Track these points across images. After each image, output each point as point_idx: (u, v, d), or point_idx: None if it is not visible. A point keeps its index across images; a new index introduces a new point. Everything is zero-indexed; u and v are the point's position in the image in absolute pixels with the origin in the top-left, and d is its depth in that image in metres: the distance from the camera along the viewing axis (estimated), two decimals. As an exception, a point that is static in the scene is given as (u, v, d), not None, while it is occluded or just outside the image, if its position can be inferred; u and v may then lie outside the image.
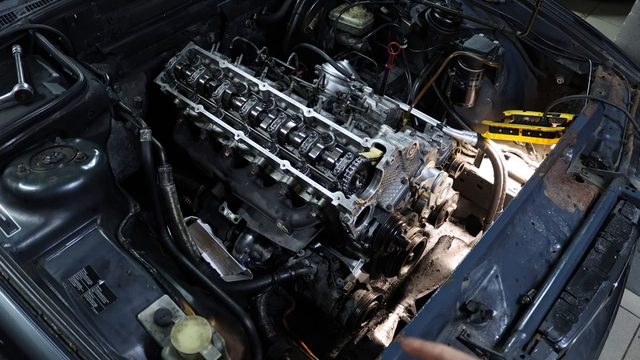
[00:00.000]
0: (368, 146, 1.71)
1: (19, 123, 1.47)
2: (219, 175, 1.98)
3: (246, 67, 2.15)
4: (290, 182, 1.83)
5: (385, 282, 2.37)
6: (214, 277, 1.74)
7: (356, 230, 1.74)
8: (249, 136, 1.91)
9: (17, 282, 1.18)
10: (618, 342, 2.80)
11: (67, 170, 1.41)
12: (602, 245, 1.51)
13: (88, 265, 1.32)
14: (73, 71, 1.68)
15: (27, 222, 1.34)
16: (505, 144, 2.52)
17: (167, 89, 2.12)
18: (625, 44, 4.31)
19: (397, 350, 1.19)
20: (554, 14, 2.24)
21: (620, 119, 1.94)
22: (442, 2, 2.41)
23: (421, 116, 2.14)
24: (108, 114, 1.78)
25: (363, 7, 2.62)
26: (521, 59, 2.42)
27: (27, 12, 1.82)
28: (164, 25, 2.21)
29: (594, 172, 1.77)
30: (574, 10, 2.34)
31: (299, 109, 1.86)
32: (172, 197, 1.75)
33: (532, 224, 1.57)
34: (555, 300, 1.38)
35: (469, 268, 1.39)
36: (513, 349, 1.27)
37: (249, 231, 2.07)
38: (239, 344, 1.38)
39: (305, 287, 1.95)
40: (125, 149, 1.90)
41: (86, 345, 1.12)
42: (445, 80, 2.62)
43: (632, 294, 3.02)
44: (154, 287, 1.29)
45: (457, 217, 2.80)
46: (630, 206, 1.63)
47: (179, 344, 1.08)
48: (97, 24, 1.99)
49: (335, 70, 2.16)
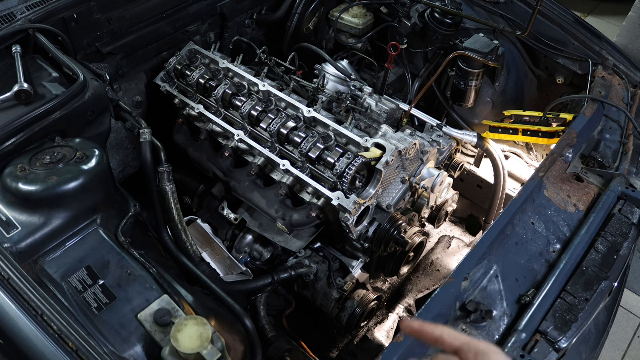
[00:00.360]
0: (368, 146, 1.71)
1: (19, 123, 1.47)
2: (219, 175, 1.98)
3: (246, 67, 2.15)
4: (290, 182, 1.83)
5: (385, 282, 2.37)
6: (214, 277, 1.74)
7: (356, 230, 1.74)
8: (249, 136, 1.91)
9: (17, 282, 1.18)
10: (618, 342, 2.80)
11: (67, 170, 1.41)
12: (602, 245, 1.51)
13: (88, 265, 1.32)
14: (73, 71, 1.68)
15: (27, 222, 1.34)
16: (505, 144, 2.52)
17: (167, 89, 2.13)
18: (625, 44, 4.31)
19: (397, 350, 1.20)
20: (554, 14, 2.24)
21: (620, 119, 1.94)
22: (442, 2, 2.41)
23: (421, 116, 2.14)
24: (108, 114, 1.78)
25: (363, 7, 2.62)
26: (521, 59, 2.42)
27: (27, 12, 1.82)
28: (164, 25, 2.21)
29: (594, 172, 1.77)
30: (574, 10, 2.34)
31: (299, 109, 1.86)
32: (172, 197, 1.75)
33: (532, 224, 1.57)
34: (555, 300, 1.38)
35: (469, 268, 1.39)
36: (513, 349, 1.27)
37: (249, 231, 2.07)
38: (239, 344, 1.38)
39: (305, 287, 1.95)
40: (125, 149, 1.90)
41: (86, 345, 1.12)
42: (445, 80, 2.62)
43: (632, 294, 3.02)
44: (154, 287, 1.29)
45: (457, 217, 2.80)
46: (630, 206, 1.63)
47: (179, 344, 1.08)
48: (97, 24, 1.99)
49: (335, 70, 2.16)
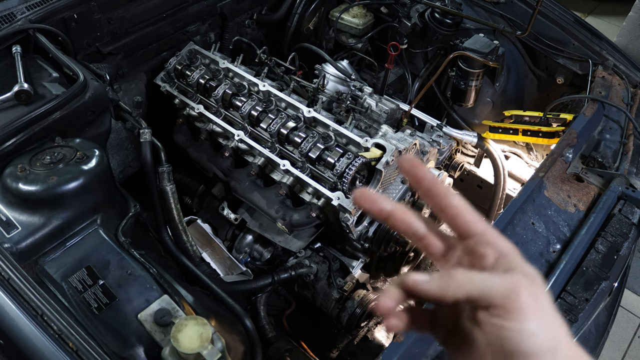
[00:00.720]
0: (368, 146, 1.71)
1: (19, 123, 1.47)
2: (219, 175, 1.98)
3: (246, 67, 2.15)
4: (290, 182, 1.83)
5: (385, 282, 2.37)
6: (214, 277, 1.74)
7: (356, 230, 1.74)
8: (249, 136, 1.91)
9: (17, 282, 1.18)
10: (618, 342, 2.80)
11: (67, 170, 1.41)
12: (602, 245, 1.51)
13: (88, 265, 1.32)
14: (73, 71, 1.68)
15: (27, 222, 1.34)
16: (505, 144, 2.52)
17: (167, 89, 2.12)
18: (625, 44, 4.31)
19: (397, 350, 1.19)
20: (554, 14, 2.24)
21: (620, 119, 1.94)
22: (442, 2, 2.41)
23: (421, 116, 2.14)
24: (108, 114, 1.78)
25: (363, 7, 2.62)
26: (521, 59, 2.42)
27: (27, 12, 1.82)
28: (164, 25, 2.20)
29: (594, 172, 1.77)
30: (574, 10, 2.34)
31: (299, 109, 1.86)
32: (172, 197, 1.75)
33: (532, 224, 1.57)
34: (555, 300, 1.38)
35: (469, 268, 1.39)
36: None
37: (249, 231, 2.07)
38: (239, 344, 1.38)
39: (305, 287, 1.95)
40: (125, 149, 1.90)
41: (86, 345, 1.12)
42: (445, 80, 2.62)
43: (632, 294, 3.02)
44: (154, 287, 1.29)
45: (457, 217, 2.79)
46: (630, 206, 1.63)
47: (179, 344, 1.08)
48: (97, 24, 1.99)
49: (335, 70, 2.16)
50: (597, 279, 1.43)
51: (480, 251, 0.56)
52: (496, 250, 0.56)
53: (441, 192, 0.59)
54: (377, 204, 0.60)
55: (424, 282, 0.55)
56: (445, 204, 0.59)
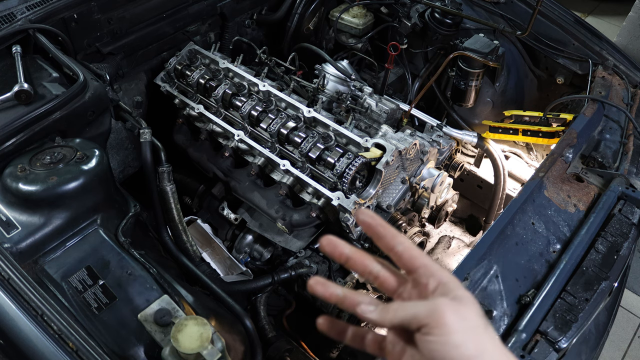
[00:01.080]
0: (368, 146, 1.71)
1: (19, 123, 1.47)
2: (219, 175, 1.98)
3: (246, 67, 2.15)
4: (290, 182, 1.83)
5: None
6: (214, 277, 1.74)
7: (356, 230, 1.74)
8: (249, 136, 1.91)
9: (17, 282, 1.18)
10: (618, 342, 2.80)
11: (67, 170, 1.41)
12: (602, 245, 1.51)
13: (88, 265, 1.32)
14: (73, 71, 1.68)
15: (27, 222, 1.34)
16: (505, 144, 2.52)
17: (167, 89, 2.12)
18: (625, 44, 4.31)
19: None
20: (554, 14, 2.24)
21: (620, 119, 1.94)
22: (442, 2, 2.41)
23: (421, 116, 2.14)
24: (108, 114, 1.78)
25: (363, 7, 2.62)
26: (521, 59, 2.42)
27: (27, 12, 1.82)
28: (164, 25, 2.20)
29: (594, 172, 1.77)
30: (574, 10, 2.34)
31: (299, 109, 1.86)
32: (172, 197, 1.75)
33: (532, 224, 1.57)
34: (555, 300, 1.38)
35: (469, 268, 1.39)
36: (513, 349, 1.27)
37: (249, 231, 2.07)
38: (239, 344, 1.38)
39: (305, 287, 1.95)
40: (125, 149, 1.90)
41: (86, 345, 1.12)
42: (445, 80, 2.62)
43: (632, 294, 3.02)
44: (154, 287, 1.29)
45: (457, 217, 2.80)
46: (630, 206, 1.63)
47: (179, 344, 1.08)
48: (97, 24, 1.99)
49: (335, 70, 2.16)
50: (597, 279, 1.43)
51: (424, 281, 0.66)
52: (436, 280, 0.65)
53: (389, 234, 0.69)
54: (338, 248, 0.71)
55: (368, 312, 0.67)
56: (393, 244, 0.69)
